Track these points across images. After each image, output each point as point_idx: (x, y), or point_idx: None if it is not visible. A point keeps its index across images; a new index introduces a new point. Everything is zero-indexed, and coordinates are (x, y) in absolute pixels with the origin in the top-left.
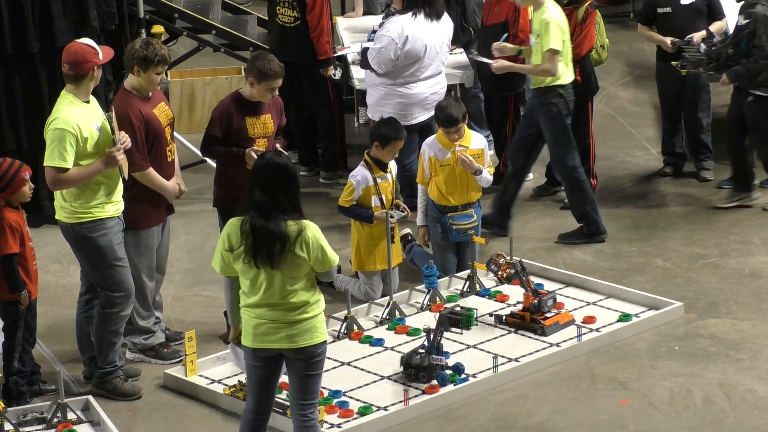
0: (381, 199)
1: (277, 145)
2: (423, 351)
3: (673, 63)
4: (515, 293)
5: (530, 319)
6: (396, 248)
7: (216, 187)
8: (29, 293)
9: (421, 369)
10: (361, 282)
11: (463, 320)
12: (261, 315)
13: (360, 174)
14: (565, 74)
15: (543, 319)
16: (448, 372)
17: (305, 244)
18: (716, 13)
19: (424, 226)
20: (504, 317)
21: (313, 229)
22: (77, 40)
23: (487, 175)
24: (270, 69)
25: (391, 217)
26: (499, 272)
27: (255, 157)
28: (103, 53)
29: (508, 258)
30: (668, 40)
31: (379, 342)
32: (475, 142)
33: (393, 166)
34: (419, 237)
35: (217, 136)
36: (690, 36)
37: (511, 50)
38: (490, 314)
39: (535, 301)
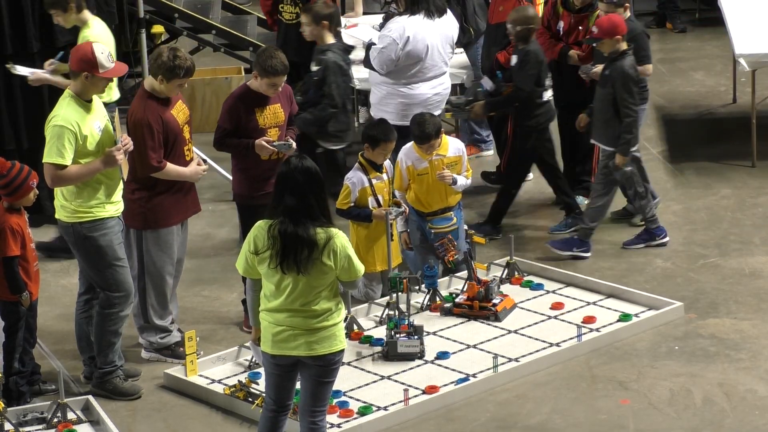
0: (377, 200)
1: (289, 137)
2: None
3: None
4: (513, 292)
5: (479, 308)
6: (395, 248)
7: (233, 181)
8: (30, 294)
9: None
10: (360, 283)
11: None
12: (280, 321)
13: (355, 176)
14: (113, 92)
15: (493, 306)
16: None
17: (333, 252)
18: (641, 57)
19: (405, 231)
20: (451, 308)
21: (341, 238)
22: (97, 43)
23: (463, 180)
24: (271, 66)
25: (390, 214)
26: (446, 256)
27: (266, 145)
28: (112, 69)
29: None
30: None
31: (379, 342)
32: (452, 149)
33: (389, 166)
34: (401, 241)
35: (228, 128)
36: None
37: (65, 68)
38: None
39: (482, 289)
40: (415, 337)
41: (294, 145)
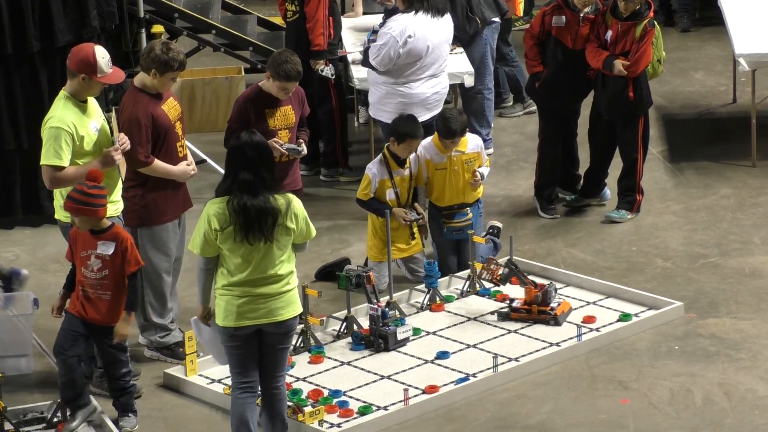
0: (396, 193)
1: (301, 140)
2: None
3: None
4: (514, 292)
5: (538, 311)
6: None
7: None
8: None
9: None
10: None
11: (341, 281)
12: (246, 292)
13: (375, 167)
14: None
15: (552, 310)
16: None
17: (294, 215)
18: None
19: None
20: (508, 313)
21: (298, 201)
22: (99, 47)
23: (485, 170)
24: (283, 71)
25: (407, 214)
26: (493, 278)
27: (276, 147)
28: (110, 75)
29: (502, 261)
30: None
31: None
32: (471, 145)
33: (414, 160)
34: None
35: (238, 129)
36: None
37: None
38: (492, 312)
39: (539, 293)
40: (404, 320)
41: (304, 149)
